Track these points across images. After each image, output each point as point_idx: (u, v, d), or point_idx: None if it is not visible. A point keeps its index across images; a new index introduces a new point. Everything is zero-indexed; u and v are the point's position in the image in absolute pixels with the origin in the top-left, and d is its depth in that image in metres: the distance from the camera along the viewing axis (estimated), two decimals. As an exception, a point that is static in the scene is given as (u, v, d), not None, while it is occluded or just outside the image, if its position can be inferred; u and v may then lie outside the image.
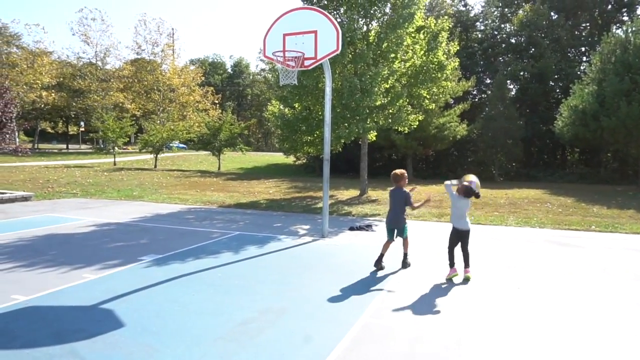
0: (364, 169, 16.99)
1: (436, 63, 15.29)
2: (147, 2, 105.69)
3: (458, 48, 17.37)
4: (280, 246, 8.82)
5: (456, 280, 6.60)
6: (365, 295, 5.88)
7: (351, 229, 10.70)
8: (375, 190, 18.62)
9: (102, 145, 47.37)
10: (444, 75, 15.78)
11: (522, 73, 34.62)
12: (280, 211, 13.81)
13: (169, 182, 21.56)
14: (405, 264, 7.19)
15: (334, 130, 13.87)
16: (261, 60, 79.11)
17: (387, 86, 14.62)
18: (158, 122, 42.21)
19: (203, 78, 58.91)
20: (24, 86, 42.97)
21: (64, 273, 6.63)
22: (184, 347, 4.26)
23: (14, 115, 14.89)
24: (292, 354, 4.17)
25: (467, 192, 6.68)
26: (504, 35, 40.25)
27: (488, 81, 37.81)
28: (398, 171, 7.17)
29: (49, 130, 68.43)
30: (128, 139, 36.73)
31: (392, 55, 14.41)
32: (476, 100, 36.64)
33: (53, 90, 48.98)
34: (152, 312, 5.15)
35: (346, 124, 14.72)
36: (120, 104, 51.48)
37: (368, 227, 10.76)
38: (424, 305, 5.52)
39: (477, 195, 6.72)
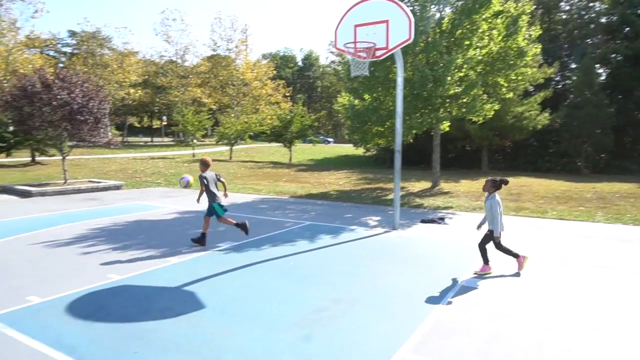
0: (436, 160, 16.55)
1: (515, 49, 14.42)
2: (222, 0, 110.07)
3: (540, 32, 16.25)
4: (351, 237, 8.88)
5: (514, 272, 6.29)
6: (438, 289, 5.76)
7: (423, 221, 10.51)
8: (448, 183, 18.08)
9: (182, 138, 50.30)
10: (524, 61, 14.85)
11: (613, 56, 31.62)
12: (350, 202, 13.87)
13: (243, 173, 22.44)
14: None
15: (405, 121, 13.61)
16: (331, 52, 79.32)
17: (461, 75, 14.06)
18: (233, 115, 43.94)
19: (274, 72, 60.29)
20: (115, 84, 46.64)
21: (151, 256, 7.18)
22: (259, 331, 4.45)
23: (107, 111, 16.24)
24: (364, 343, 4.21)
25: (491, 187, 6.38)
26: (592, 15, 36.95)
27: (573, 66, 34.98)
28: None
29: (136, 124, 73.89)
30: (205, 132, 38.66)
31: (467, 42, 13.81)
32: (559, 87, 34.10)
33: (139, 88, 52.76)
34: (230, 296, 5.44)
35: (418, 115, 14.40)
36: (198, 99, 54.19)
37: (441, 220, 10.50)
38: (502, 303, 5.31)
39: (502, 182, 6.38)
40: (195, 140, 35.77)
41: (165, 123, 63.36)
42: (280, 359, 3.88)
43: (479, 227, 6.71)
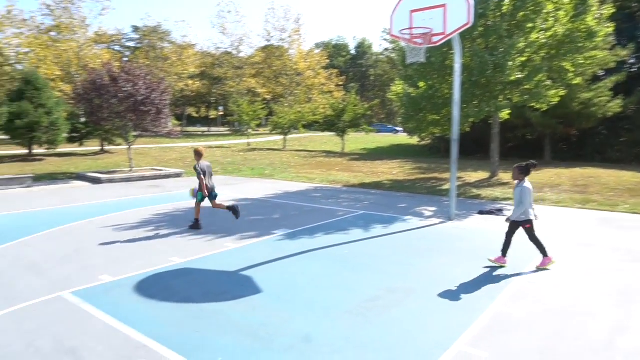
0: (494, 149, 15.91)
1: (584, 30, 13.46)
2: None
3: (613, 10, 15.06)
4: (405, 227, 8.77)
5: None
6: (496, 282, 5.58)
7: (480, 212, 10.18)
8: (507, 173, 17.34)
9: (237, 128, 51.65)
10: (593, 43, 13.84)
11: (702, 34, 28.72)
12: (404, 192, 13.68)
13: (296, 162, 22.72)
14: None
15: (462, 109, 13.15)
16: (384, 39, 78.07)
17: (523, 59, 13.35)
18: (286, 104, 44.49)
19: (327, 61, 60.35)
20: (174, 76, 48.56)
21: (211, 241, 7.47)
22: (314, 317, 4.53)
23: (168, 102, 16.97)
24: (420, 334, 4.17)
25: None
26: (674, -9, 33.69)
27: (651, 47, 32.15)
28: None
29: (194, 114, 76.62)
30: (260, 122, 39.41)
31: (530, 25, 13.06)
32: (634, 70, 31.52)
33: (197, 79, 54.62)
34: (286, 281, 5.56)
35: (476, 102, 13.87)
36: (253, 89, 55.34)
37: (499, 212, 10.12)
38: (566, 298, 5.06)
39: (529, 167, 6.13)
40: (250, 130, 36.58)
41: (221, 113, 65.27)
42: (335, 346, 3.93)
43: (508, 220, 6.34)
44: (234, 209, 8.49)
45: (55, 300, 4.86)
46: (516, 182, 6.20)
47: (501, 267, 6.19)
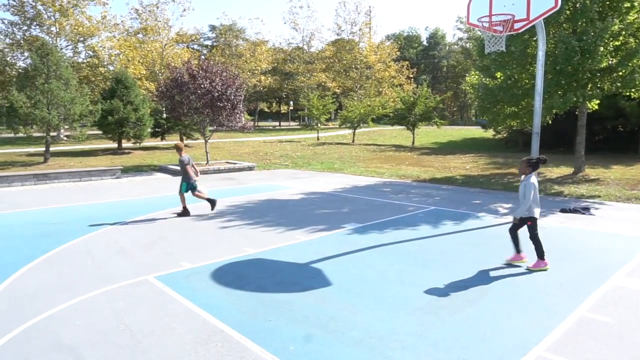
0: (580, 143, 14.73)
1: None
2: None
3: None
4: (479, 224, 8.42)
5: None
6: (581, 286, 5.19)
7: (563, 210, 9.50)
8: (594, 169, 16.03)
9: (307, 122, 52.40)
10: None
11: None
12: (478, 188, 13.12)
13: (365, 156, 22.61)
14: None
15: (544, 100, 12.34)
16: (459, 29, 75.14)
17: (617, 44, 12.21)
18: (356, 98, 44.37)
19: (398, 53, 59.22)
20: (248, 72, 50.19)
21: (281, 233, 7.66)
22: (384, 312, 4.49)
23: (242, 97, 17.59)
24: (495, 336, 3.98)
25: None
26: None
27: None
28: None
29: (266, 109, 78.88)
30: (329, 116, 39.65)
31: (626, 4, 11.90)
32: None
33: (269, 75, 56.04)
34: (355, 275, 5.56)
35: (560, 92, 12.92)
36: (323, 83, 55.74)
37: (585, 210, 9.38)
38: (664, 308, 4.58)
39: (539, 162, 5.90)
40: (319, 124, 36.95)
41: (292, 108, 66.58)
42: (405, 342, 3.87)
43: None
44: (211, 201, 9.20)
45: (141, 283, 5.25)
46: (522, 176, 5.88)
47: (520, 263, 5.94)
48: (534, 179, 5.71)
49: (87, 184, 13.65)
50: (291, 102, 65.38)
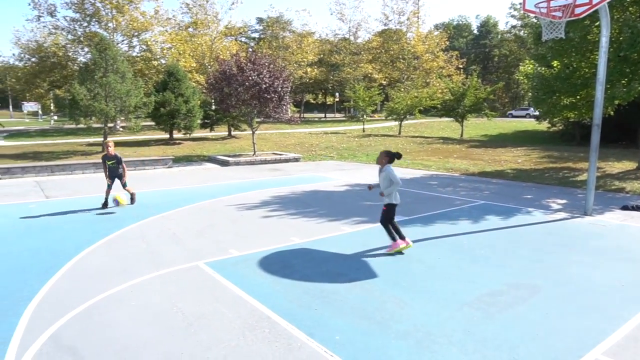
0: (645, 136, 13.80)
1: None
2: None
3: None
4: (531, 220, 8.10)
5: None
6: (644, 288, 4.89)
7: (624, 207, 8.96)
8: (660, 164, 14.96)
9: (352, 114, 52.17)
10: None
11: None
12: (530, 182, 12.61)
13: (412, 148, 22.24)
14: None
15: (606, 90, 11.62)
16: (512, 16, 71.82)
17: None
18: (402, 89, 43.62)
19: (447, 42, 57.51)
20: (294, 64, 50.49)
21: (327, 223, 7.70)
22: (431, 306, 4.42)
23: (289, 89, 17.75)
24: (548, 337, 3.83)
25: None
26: None
27: None
28: None
29: (311, 101, 79.18)
30: (375, 107, 39.22)
31: None
32: None
33: (315, 66, 56.10)
34: (402, 268, 5.51)
35: (624, 81, 12.12)
36: (369, 75, 55.15)
37: (649, 208, 8.80)
38: None
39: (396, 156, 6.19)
40: (365, 116, 36.65)
41: (337, 99, 66.43)
42: (452, 337, 3.80)
43: (370, 187, 6.55)
44: (132, 196, 9.15)
45: (192, 269, 5.45)
46: (380, 166, 6.26)
47: (405, 250, 6.04)
48: (392, 169, 6.10)
49: (141, 173, 14.30)
50: (337, 94, 65.20)
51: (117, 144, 22.17)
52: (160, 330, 3.92)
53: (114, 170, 9.14)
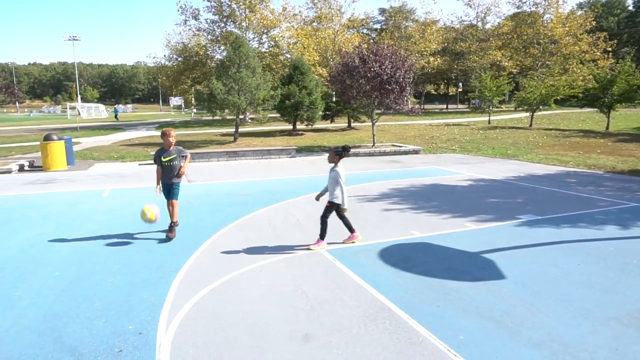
0: None
1: None
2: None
3: None
4: (699, 228, 6.85)
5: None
6: None
7: None
8: None
9: (477, 104, 49.23)
10: None
11: None
12: (698, 184, 10.66)
13: (545, 142, 20.27)
14: None
15: None
16: (680, -13, 61.11)
17: None
18: (536, 78, 39.88)
19: (594, 23, 50.90)
20: (416, 54, 49.25)
21: (449, 219, 7.41)
22: (569, 316, 4.00)
23: (411, 80, 17.37)
24: None
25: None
26: None
27: None
28: None
29: (432, 92, 76.61)
30: (503, 97, 36.51)
31: None
32: None
33: (438, 56, 54.04)
34: (533, 271, 5.07)
35: None
36: (497, 62, 51.42)
37: None
38: None
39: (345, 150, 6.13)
40: (491, 107, 34.33)
41: (461, 90, 63.27)
42: (596, 354, 3.39)
43: (317, 198, 6.38)
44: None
45: (314, 254, 5.67)
46: (332, 165, 5.65)
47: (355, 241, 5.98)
48: (341, 168, 6.02)
49: (267, 161, 15.25)
50: (460, 84, 62.13)
51: (246, 134, 23.99)
52: (286, 310, 4.15)
53: (169, 170, 6.35)
